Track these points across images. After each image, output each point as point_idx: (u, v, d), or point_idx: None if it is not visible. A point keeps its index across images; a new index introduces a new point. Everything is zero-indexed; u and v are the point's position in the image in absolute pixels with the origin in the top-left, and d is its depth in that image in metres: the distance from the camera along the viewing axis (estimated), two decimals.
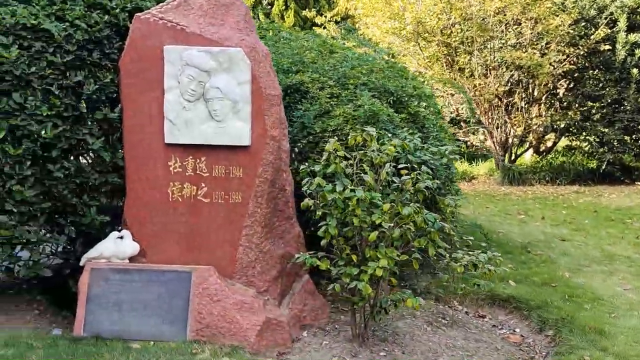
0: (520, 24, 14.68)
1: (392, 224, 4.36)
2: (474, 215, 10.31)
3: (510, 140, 16.05)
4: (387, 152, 4.52)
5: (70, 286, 5.18)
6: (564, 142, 17.87)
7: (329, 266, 4.54)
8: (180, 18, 4.88)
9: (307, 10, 19.86)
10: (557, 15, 14.14)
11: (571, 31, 14.37)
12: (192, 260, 4.92)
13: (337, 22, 17.80)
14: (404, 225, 4.40)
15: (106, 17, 4.94)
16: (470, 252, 5.17)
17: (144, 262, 4.93)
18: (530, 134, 16.57)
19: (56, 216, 5.07)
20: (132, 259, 4.91)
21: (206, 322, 4.67)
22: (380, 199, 4.44)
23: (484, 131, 16.87)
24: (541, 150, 17.75)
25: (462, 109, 16.27)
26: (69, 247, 5.46)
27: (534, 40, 14.58)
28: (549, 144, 17.74)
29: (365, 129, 4.67)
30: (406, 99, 6.27)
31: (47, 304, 5.45)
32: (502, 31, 14.75)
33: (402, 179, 4.52)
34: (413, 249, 4.68)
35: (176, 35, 4.82)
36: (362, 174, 4.45)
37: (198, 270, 4.80)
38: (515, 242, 8.47)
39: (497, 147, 15.99)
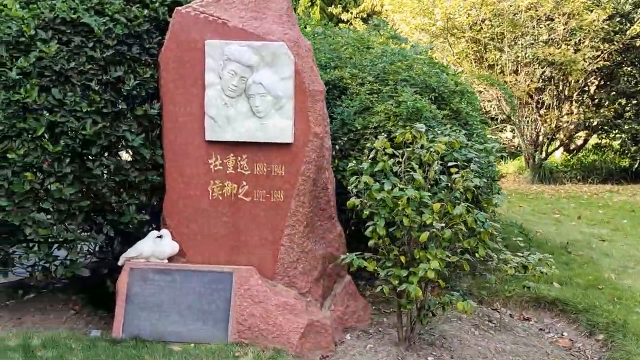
0: (552, 19, 14.40)
1: (443, 224, 4.19)
2: (508, 214, 10.09)
3: (540, 138, 15.77)
4: (437, 149, 4.34)
5: (108, 286, 5.08)
6: (593, 140, 17.55)
7: (375, 267, 4.38)
8: (222, 12, 4.75)
9: (332, 6, 19.69)
10: (592, 11, 13.84)
11: (606, 26, 14.07)
12: (233, 261, 4.80)
13: (363, 19, 17.63)
14: (455, 226, 4.23)
15: (145, 11, 4.83)
16: (519, 254, 4.98)
17: (184, 262, 4.82)
18: (561, 132, 16.28)
19: (94, 215, 4.97)
20: (171, 259, 4.80)
21: (248, 324, 4.54)
22: (428, 197, 4.27)
23: (512, 129, 16.61)
24: (571, 148, 17.45)
25: (490, 106, 16.03)
26: (106, 246, 5.36)
27: (567, 36, 14.29)
28: (579, 142, 17.43)
29: (414, 125, 4.50)
30: (448, 95, 6.09)
31: (82, 303, 5.37)
32: (534, 27, 14.48)
33: (453, 177, 4.35)
34: (458, 249, 4.52)
35: (218, 29, 4.70)
36: (412, 172, 4.28)
37: (239, 270, 4.68)
38: (554, 242, 8.24)
39: (528, 145, 15.72)
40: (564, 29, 14.15)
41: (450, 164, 4.52)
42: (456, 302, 4.44)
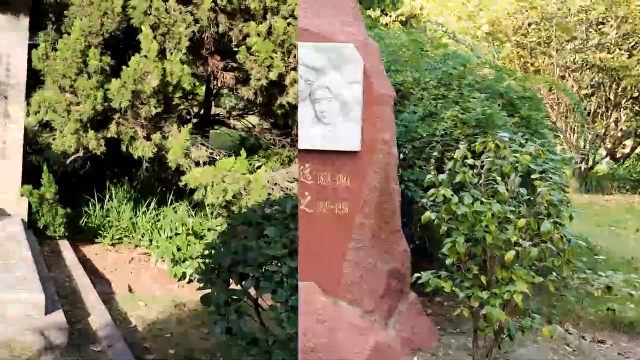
0: (603, 23, 13.87)
1: (529, 242, 3.83)
2: None
3: (587, 146, 15.24)
4: (522, 160, 3.97)
5: None
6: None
7: (453, 288, 4.02)
8: None
9: (371, 10, 19.34)
10: None
11: None
12: None
13: (402, 23, 17.27)
14: (541, 244, 3.87)
15: None
16: (601, 273, 4.60)
17: None
18: (608, 139, 15.72)
19: None
20: None
21: (311, 345, 4.23)
22: (511, 212, 3.92)
23: (555, 135, 16.09)
24: (617, 156, 16.87)
25: None
26: None
27: (619, 40, 13.75)
28: (626, 150, 16.84)
29: (497, 133, 4.15)
30: (517, 101, 5.71)
31: None
32: (583, 31, 13.97)
33: (538, 191, 3.98)
34: (538, 268, 4.16)
35: None
36: (496, 185, 3.92)
37: (302, 287, 4.36)
38: (617, 257, 7.78)
39: (574, 153, 15.18)
40: (617, 33, 13.61)
41: (533, 176, 4.15)
42: (539, 326, 4.08)
